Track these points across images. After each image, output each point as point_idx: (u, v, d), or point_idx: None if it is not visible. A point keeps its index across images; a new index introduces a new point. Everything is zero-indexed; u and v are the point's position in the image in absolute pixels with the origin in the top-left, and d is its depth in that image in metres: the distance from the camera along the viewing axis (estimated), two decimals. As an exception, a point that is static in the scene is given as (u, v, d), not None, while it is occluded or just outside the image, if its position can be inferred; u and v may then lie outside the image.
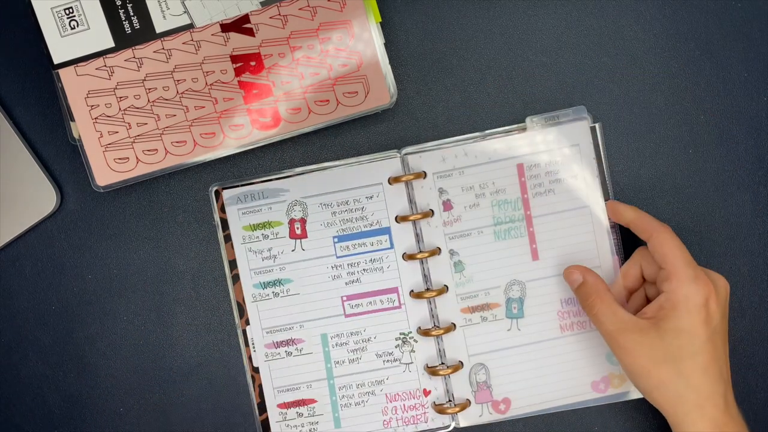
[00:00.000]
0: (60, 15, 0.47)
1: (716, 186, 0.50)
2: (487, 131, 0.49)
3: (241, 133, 0.48)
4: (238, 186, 0.49)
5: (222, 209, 0.49)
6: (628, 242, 0.50)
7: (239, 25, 0.48)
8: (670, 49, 0.50)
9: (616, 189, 0.50)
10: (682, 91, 0.50)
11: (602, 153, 0.48)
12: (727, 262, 0.50)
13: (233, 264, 0.49)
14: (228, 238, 0.49)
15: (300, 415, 0.49)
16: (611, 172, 0.50)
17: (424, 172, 0.48)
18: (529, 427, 0.50)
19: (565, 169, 0.48)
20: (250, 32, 0.48)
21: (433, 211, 0.48)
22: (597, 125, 0.48)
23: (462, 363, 0.49)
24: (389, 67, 0.48)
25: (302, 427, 0.49)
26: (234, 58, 0.48)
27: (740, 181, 0.50)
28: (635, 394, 0.49)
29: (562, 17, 0.50)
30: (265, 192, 0.49)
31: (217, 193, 0.49)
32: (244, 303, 0.49)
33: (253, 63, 0.48)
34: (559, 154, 0.48)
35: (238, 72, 0.48)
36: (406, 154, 0.48)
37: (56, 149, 0.51)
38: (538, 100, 0.50)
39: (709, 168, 0.50)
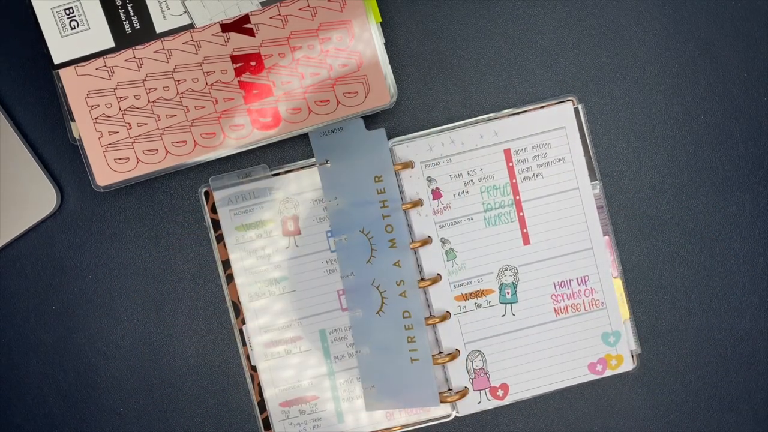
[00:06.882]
0: (60, 15, 0.47)
1: (716, 186, 0.50)
2: (473, 118, 0.49)
3: (242, 133, 0.48)
4: (228, 187, 0.49)
5: (213, 210, 0.49)
6: (618, 222, 0.50)
7: (239, 25, 0.48)
8: (670, 49, 0.50)
9: (616, 190, 0.50)
10: (682, 91, 0.50)
11: (587, 134, 0.49)
12: (727, 262, 0.50)
13: (227, 264, 0.49)
14: (220, 239, 0.49)
15: (302, 412, 0.49)
16: (597, 155, 0.50)
17: (412, 162, 0.49)
18: (529, 427, 0.50)
19: (553, 152, 0.48)
20: (250, 32, 0.48)
21: (422, 200, 0.49)
22: (580, 106, 0.49)
23: (458, 351, 0.49)
24: (389, 67, 0.48)
25: (305, 423, 0.49)
26: (234, 58, 0.48)
27: (740, 181, 0.50)
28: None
29: (562, 17, 0.50)
30: (256, 192, 0.49)
31: (207, 194, 0.49)
32: (240, 302, 0.49)
33: (253, 63, 0.48)
34: (545, 138, 0.48)
35: (238, 72, 0.48)
36: (393, 144, 0.49)
37: (56, 149, 0.51)
38: (539, 101, 0.50)
39: (709, 168, 0.50)
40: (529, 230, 0.49)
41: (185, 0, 0.47)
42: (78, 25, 0.48)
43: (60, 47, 0.48)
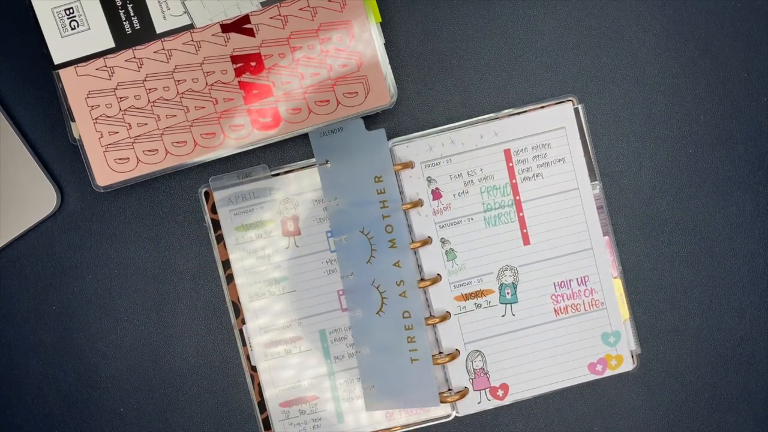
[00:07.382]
0: (60, 15, 0.47)
1: (716, 186, 0.50)
2: (473, 118, 0.49)
3: (241, 133, 0.48)
4: (228, 187, 0.49)
5: (213, 210, 0.49)
6: (618, 223, 0.50)
7: (239, 25, 0.48)
8: (670, 49, 0.50)
9: (616, 191, 0.50)
10: (682, 91, 0.50)
11: (587, 134, 0.49)
12: (727, 262, 0.50)
13: (227, 264, 0.49)
14: (220, 239, 0.49)
15: (302, 412, 0.49)
16: (597, 155, 0.50)
17: (412, 162, 0.49)
18: (529, 427, 0.50)
19: (552, 152, 0.49)
20: (250, 32, 0.48)
21: (422, 200, 0.49)
22: (580, 107, 0.49)
23: (458, 351, 0.49)
24: (389, 67, 0.48)
25: (305, 423, 0.49)
26: (234, 59, 0.48)
27: (740, 181, 0.50)
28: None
29: (562, 17, 0.50)
30: (256, 192, 0.49)
31: (207, 194, 0.49)
32: (240, 303, 0.49)
33: (253, 63, 0.48)
34: (545, 138, 0.48)
35: (238, 72, 0.48)
36: (393, 145, 0.49)
37: (56, 149, 0.51)
38: (538, 101, 0.50)
39: (709, 168, 0.50)
40: (529, 230, 0.49)
41: (185, 0, 0.48)
42: (78, 26, 0.48)
43: (60, 47, 0.48)
